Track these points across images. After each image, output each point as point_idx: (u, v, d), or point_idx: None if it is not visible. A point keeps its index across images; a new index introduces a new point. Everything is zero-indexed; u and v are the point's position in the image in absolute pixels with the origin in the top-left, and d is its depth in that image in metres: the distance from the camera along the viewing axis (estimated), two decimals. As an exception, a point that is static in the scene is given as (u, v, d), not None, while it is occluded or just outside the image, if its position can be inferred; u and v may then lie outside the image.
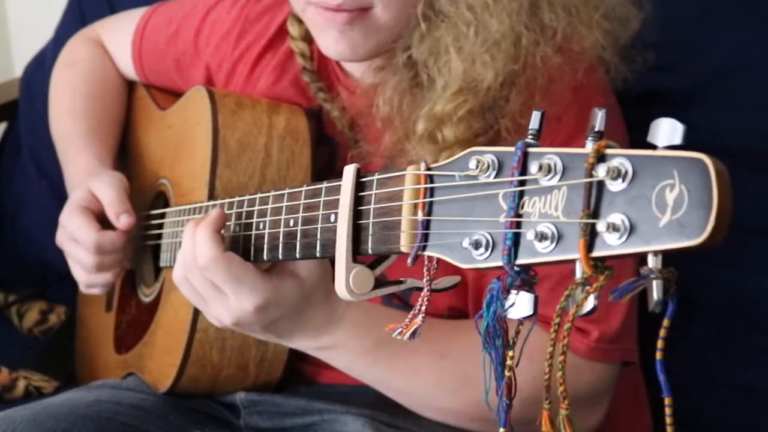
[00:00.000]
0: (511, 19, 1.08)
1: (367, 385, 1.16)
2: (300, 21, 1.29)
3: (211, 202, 1.12)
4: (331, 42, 1.14)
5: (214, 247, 0.97)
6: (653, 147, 0.60)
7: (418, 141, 1.11)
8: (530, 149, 0.66)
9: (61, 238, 1.36)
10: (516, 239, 0.65)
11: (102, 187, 1.33)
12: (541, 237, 0.63)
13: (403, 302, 1.22)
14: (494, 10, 1.08)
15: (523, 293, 0.66)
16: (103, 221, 1.34)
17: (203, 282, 1.00)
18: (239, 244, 1.00)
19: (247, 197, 1.00)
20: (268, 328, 1.03)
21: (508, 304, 0.67)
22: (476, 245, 0.68)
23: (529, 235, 0.64)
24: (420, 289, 0.78)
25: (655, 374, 0.63)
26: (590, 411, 1.17)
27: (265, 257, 0.96)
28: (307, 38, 1.29)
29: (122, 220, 1.31)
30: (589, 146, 0.62)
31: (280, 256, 0.93)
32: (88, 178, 1.37)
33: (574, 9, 1.12)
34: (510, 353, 0.69)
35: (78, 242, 1.33)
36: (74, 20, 1.83)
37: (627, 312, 1.15)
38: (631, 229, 0.59)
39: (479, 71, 1.08)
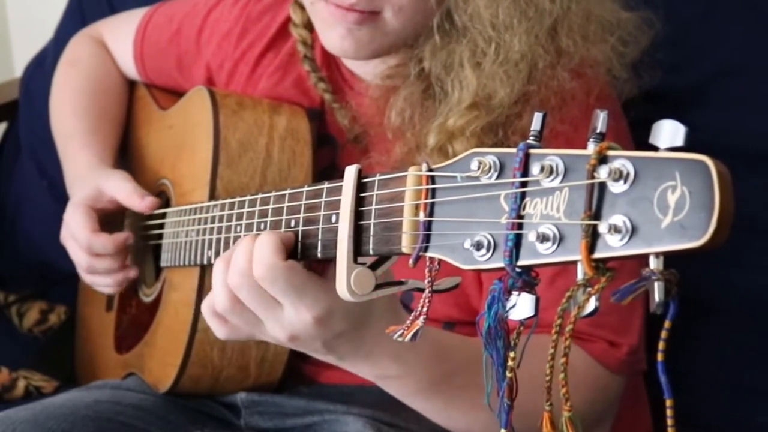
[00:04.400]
0: (531, 41, 1.08)
1: (368, 384, 1.14)
2: (303, 8, 1.29)
3: (212, 203, 1.12)
4: (336, 38, 1.14)
5: (276, 255, 0.86)
6: (655, 148, 0.60)
7: (429, 154, 1.10)
8: (532, 150, 0.66)
9: (64, 236, 1.37)
10: (517, 240, 0.65)
11: (116, 184, 1.33)
12: (543, 238, 0.63)
13: (402, 304, 1.22)
14: (517, 30, 1.08)
15: (524, 294, 0.66)
16: (105, 220, 1.34)
17: (255, 297, 0.89)
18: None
19: (248, 197, 1.00)
20: (329, 345, 0.92)
21: (509, 305, 0.67)
22: (478, 246, 0.68)
23: (530, 236, 0.64)
24: (421, 290, 0.78)
25: (656, 375, 0.63)
26: (605, 423, 1.18)
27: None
28: (310, 26, 1.29)
29: (147, 200, 1.30)
30: (591, 148, 0.62)
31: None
32: (94, 177, 1.37)
33: (592, 35, 1.12)
34: (511, 354, 0.69)
35: (76, 240, 1.33)
36: (74, 20, 1.83)
37: (643, 322, 1.16)
38: (633, 231, 0.59)
39: (494, 88, 1.08)
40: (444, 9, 1.11)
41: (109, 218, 1.34)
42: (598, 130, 0.63)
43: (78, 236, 1.33)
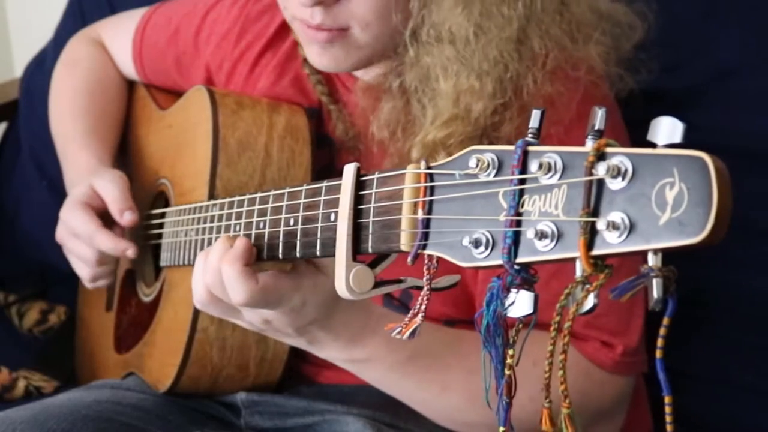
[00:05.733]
0: (498, 50, 1.08)
1: (368, 385, 1.15)
2: None
3: (212, 202, 1.12)
4: (315, 55, 1.15)
5: (249, 284, 0.92)
6: (653, 145, 0.60)
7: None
8: (530, 148, 0.66)
9: (61, 234, 1.37)
10: (516, 238, 0.65)
11: (104, 185, 1.34)
12: (541, 235, 0.63)
13: (402, 304, 1.22)
14: (476, 45, 1.08)
15: (523, 292, 0.66)
16: (103, 218, 1.34)
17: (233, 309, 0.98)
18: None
19: (247, 197, 1.00)
20: (301, 330, 1.00)
21: (508, 302, 0.67)
22: (476, 244, 0.68)
23: (529, 233, 0.64)
24: (420, 288, 0.78)
25: (655, 373, 0.63)
26: (610, 424, 1.18)
27: (264, 256, 0.96)
28: None
29: (126, 216, 1.32)
30: (589, 145, 0.62)
31: (280, 256, 0.93)
32: (89, 176, 1.37)
33: (567, 35, 1.12)
34: (510, 352, 0.69)
35: (78, 237, 1.33)
36: (74, 20, 1.83)
37: (643, 323, 1.16)
38: (631, 228, 0.59)
39: (469, 101, 1.08)
40: (410, 26, 1.11)
41: (106, 216, 1.34)
42: (596, 127, 0.63)
43: (83, 231, 1.32)
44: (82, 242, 1.34)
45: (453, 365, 1.09)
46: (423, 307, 0.78)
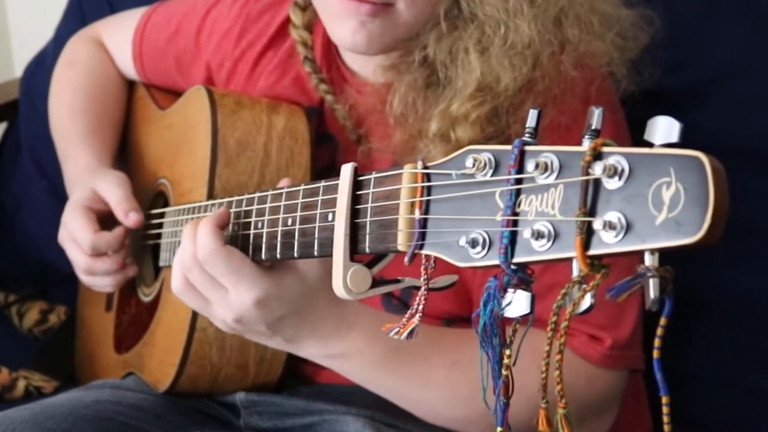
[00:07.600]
0: (537, 28, 1.08)
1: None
2: (303, 9, 1.30)
3: (211, 202, 1.12)
4: (348, 33, 1.13)
5: (215, 240, 0.97)
6: (650, 145, 0.60)
7: (431, 140, 1.11)
8: (527, 147, 0.66)
9: (63, 237, 1.37)
10: (513, 237, 0.65)
11: (107, 187, 1.34)
12: (538, 235, 0.63)
13: (402, 302, 1.22)
14: (526, 16, 1.08)
15: (519, 292, 0.66)
16: (104, 221, 1.34)
17: (202, 279, 0.99)
18: (237, 243, 1.01)
19: (246, 196, 1.00)
20: (273, 328, 1.01)
21: (504, 302, 0.67)
22: (473, 244, 0.68)
23: (525, 233, 0.64)
24: (417, 288, 0.78)
25: (653, 373, 0.63)
26: (599, 419, 1.17)
27: (263, 256, 0.96)
28: (310, 27, 1.30)
29: (131, 217, 1.32)
30: (586, 144, 0.62)
31: (278, 255, 0.93)
32: (91, 178, 1.38)
33: (592, 27, 1.12)
34: (507, 352, 0.69)
35: (75, 242, 1.33)
36: (74, 20, 1.83)
37: (637, 318, 1.15)
38: (628, 227, 0.59)
39: (499, 74, 1.08)
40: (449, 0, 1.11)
41: (108, 218, 1.34)
42: (593, 127, 0.63)
43: (80, 238, 1.33)
44: (78, 248, 1.34)
45: (433, 359, 1.10)
46: (421, 307, 0.78)
